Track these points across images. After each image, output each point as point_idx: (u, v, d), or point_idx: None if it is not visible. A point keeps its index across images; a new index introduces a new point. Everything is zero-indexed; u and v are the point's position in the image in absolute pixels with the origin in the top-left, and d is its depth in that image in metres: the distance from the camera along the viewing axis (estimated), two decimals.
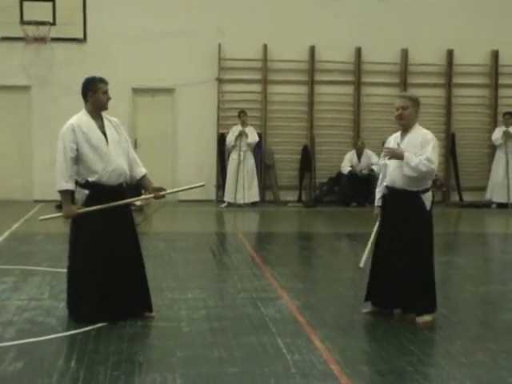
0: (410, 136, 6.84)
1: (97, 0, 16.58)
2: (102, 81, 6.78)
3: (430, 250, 6.85)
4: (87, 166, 6.61)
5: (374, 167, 16.42)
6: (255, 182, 16.50)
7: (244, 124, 16.34)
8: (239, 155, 16.26)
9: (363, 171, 16.75)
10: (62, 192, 6.59)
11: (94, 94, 6.71)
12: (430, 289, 6.80)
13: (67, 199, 6.63)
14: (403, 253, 6.77)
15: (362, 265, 7.26)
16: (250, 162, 16.42)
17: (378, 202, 7.16)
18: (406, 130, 6.89)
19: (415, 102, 6.89)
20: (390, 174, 6.95)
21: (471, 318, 7.16)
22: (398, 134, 6.99)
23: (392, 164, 6.90)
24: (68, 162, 6.54)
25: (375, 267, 7.08)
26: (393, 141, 7.01)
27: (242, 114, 16.36)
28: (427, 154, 6.64)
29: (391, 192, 6.93)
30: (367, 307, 7.11)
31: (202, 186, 7.39)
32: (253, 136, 16.29)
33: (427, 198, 6.80)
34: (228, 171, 16.49)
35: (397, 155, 6.73)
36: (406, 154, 6.66)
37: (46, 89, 16.62)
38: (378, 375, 5.47)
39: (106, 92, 6.77)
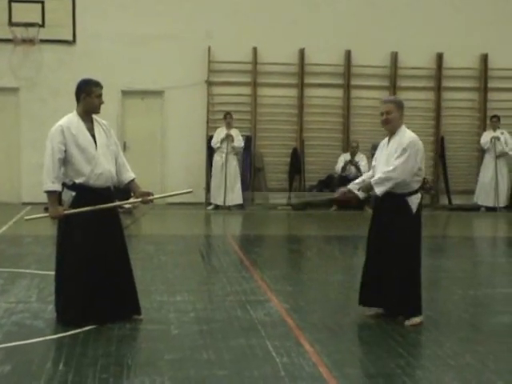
0: (394, 140, 6.91)
1: (86, 2, 16.53)
2: (97, 84, 6.76)
3: (415, 252, 6.86)
4: (75, 168, 6.59)
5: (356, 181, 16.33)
6: (238, 185, 16.47)
7: (229, 126, 16.32)
8: (221, 157, 16.25)
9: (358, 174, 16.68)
10: (49, 192, 6.57)
11: (88, 96, 6.70)
12: (416, 291, 6.81)
13: (53, 200, 6.61)
14: (388, 255, 6.81)
15: None
16: (233, 164, 16.41)
17: (350, 185, 7.29)
18: (392, 133, 6.94)
19: (399, 105, 6.94)
20: (377, 174, 6.99)
21: (459, 320, 7.17)
22: (387, 139, 7.04)
23: (379, 165, 6.95)
24: (55, 163, 6.52)
25: (366, 269, 7.09)
26: (381, 147, 7.10)
27: (227, 115, 16.34)
28: (395, 160, 6.73)
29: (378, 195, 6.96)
30: (371, 310, 7.10)
31: (190, 192, 7.43)
32: (238, 140, 16.28)
33: (413, 200, 6.83)
34: (212, 174, 16.49)
35: (368, 190, 6.93)
36: (372, 182, 6.83)
37: (34, 91, 16.57)
38: (367, 378, 5.47)
39: (99, 96, 6.75)
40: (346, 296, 8.20)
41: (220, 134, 16.28)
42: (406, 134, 6.86)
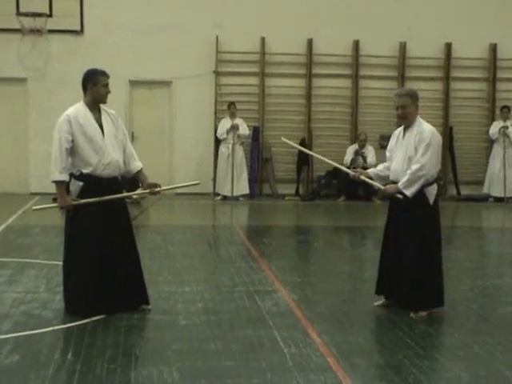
0: (410, 132, 6.85)
1: None
2: (103, 74, 6.76)
3: (435, 243, 6.82)
4: (82, 158, 6.59)
5: (369, 171, 16.36)
6: (244, 175, 16.46)
7: (233, 116, 16.30)
8: (228, 148, 16.23)
9: (364, 165, 16.62)
10: (56, 183, 6.57)
11: (94, 86, 6.69)
12: (430, 285, 6.77)
13: (61, 190, 6.61)
14: (407, 247, 6.77)
15: None
16: (239, 154, 16.39)
17: (371, 170, 7.33)
18: (408, 126, 6.88)
19: (414, 98, 6.86)
20: (393, 168, 6.95)
21: (468, 311, 7.16)
22: (401, 128, 6.99)
23: (396, 158, 6.91)
24: (63, 153, 6.51)
25: (382, 260, 7.07)
26: (396, 136, 7.05)
27: (232, 105, 16.31)
28: (419, 155, 6.66)
29: None
30: (379, 300, 7.09)
31: (197, 184, 7.42)
32: (243, 128, 16.26)
33: (430, 191, 6.77)
34: (218, 164, 16.49)
35: (393, 193, 6.77)
36: (399, 185, 6.70)
37: (42, 81, 16.57)
38: (375, 368, 5.47)
39: (106, 85, 6.74)
40: (354, 287, 8.19)
41: (225, 124, 16.26)
42: (424, 127, 6.79)
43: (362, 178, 7.24)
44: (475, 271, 9.25)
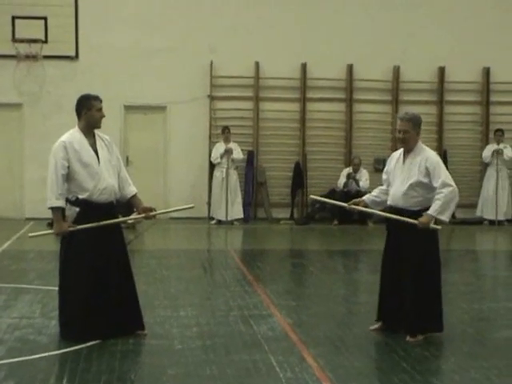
0: (412, 156, 6.84)
1: (89, 17, 16.60)
2: (96, 98, 6.78)
3: (433, 269, 6.82)
4: (78, 184, 6.60)
5: (365, 198, 16.41)
6: (239, 199, 16.48)
7: (227, 140, 16.35)
8: (222, 172, 16.26)
9: (357, 188, 16.64)
10: (53, 209, 6.58)
11: (88, 111, 6.71)
12: (430, 309, 6.78)
13: (58, 216, 6.60)
14: (405, 272, 6.76)
15: None
16: (234, 178, 16.42)
17: (366, 197, 7.24)
18: (409, 151, 6.90)
19: (416, 123, 6.86)
20: (392, 193, 6.95)
21: (464, 334, 7.15)
22: (401, 151, 6.99)
23: (395, 182, 6.91)
24: (59, 179, 6.52)
25: (382, 285, 7.07)
26: (395, 159, 7.03)
27: (226, 130, 16.37)
28: (441, 180, 6.65)
29: (393, 211, 6.92)
30: (375, 324, 7.08)
31: (192, 207, 7.44)
32: (237, 152, 16.31)
33: None
34: (213, 188, 16.52)
35: (428, 223, 6.68)
36: (433, 213, 6.63)
37: (37, 106, 16.61)
38: None
39: (100, 109, 6.76)
40: (349, 310, 8.18)
41: (219, 148, 16.30)
42: (426, 154, 6.81)
43: (359, 208, 7.22)
44: (471, 294, 9.24)
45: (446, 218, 6.66)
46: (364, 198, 7.28)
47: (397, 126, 6.96)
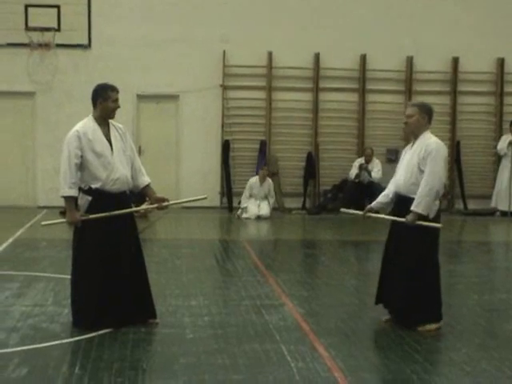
0: (417, 144, 6.83)
1: (101, 6, 16.62)
2: (113, 89, 6.77)
3: (430, 259, 6.80)
4: (91, 173, 6.61)
5: (373, 205, 16.41)
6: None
7: (264, 178, 16.15)
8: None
9: (369, 179, 16.60)
10: (66, 198, 6.59)
11: (104, 101, 6.70)
12: (432, 298, 6.77)
13: (71, 205, 6.62)
14: (404, 262, 6.76)
15: None
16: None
17: (375, 203, 7.21)
18: (415, 138, 6.88)
19: (422, 110, 6.84)
20: (396, 179, 6.96)
21: (475, 326, 7.14)
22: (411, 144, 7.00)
23: (400, 169, 6.91)
24: (72, 168, 6.53)
25: (382, 272, 7.07)
26: (405, 151, 7.05)
27: (264, 167, 16.26)
28: (426, 170, 6.62)
29: (397, 198, 6.96)
30: (386, 314, 7.08)
31: (205, 198, 7.45)
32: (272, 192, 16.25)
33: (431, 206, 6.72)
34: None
35: (415, 219, 6.64)
36: (415, 209, 6.60)
37: (50, 95, 16.66)
38: (382, 383, 5.45)
39: (116, 101, 6.76)
40: (361, 301, 8.18)
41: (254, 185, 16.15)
42: (428, 140, 6.77)
43: (374, 215, 7.19)
44: (482, 286, 9.22)
45: (421, 210, 6.59)
46: (372, 204, 7.24)
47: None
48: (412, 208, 6.64)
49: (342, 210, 8.24)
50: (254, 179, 16.16)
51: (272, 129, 17.28)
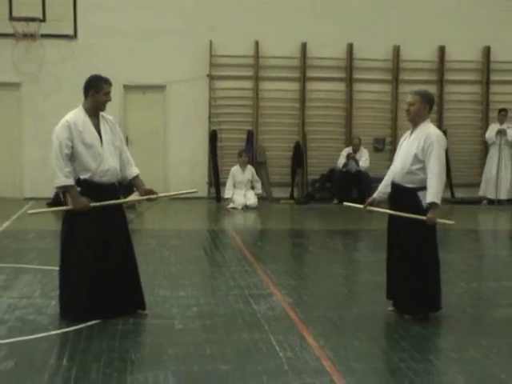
0: (416, 132, 6.83)
1: None
2: (106, 82, 6.76)
3: (426, 248, 6.80)
4: (80, 164, 6.58)
5: (375, 195, 16.46)
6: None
7: (244, 165, 16.19)
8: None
9: (357, 168, 16.62)
10: (66, 187, 6.58)
11: (96, 93, 6.68)
12: (427, 288, 6.78)
13: (74, 193, 6.57)
14: (399, 251, 6.78)
15: None
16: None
17: (377, 193, 7.22)
18: (415, 125, 6.88)
19: (424, 99, 6.82)
20: (393, 167, 6.97)
21: (463, 314, 7.17)
22: (409, 132, 7.00)
23: (397, 157, 6.91)
24: (65, 158, 6.49)
25: (387, 265, 7.10)
26: (404, 137, 7.06)
27: (243, 154, 16.24)
28: (431, 160, 6.62)
29: (392, 187, 6.96)
30: (391, 305, 7.10)
31: (195, 192, 7.48)
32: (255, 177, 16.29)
33: (424, 195, 6.69)
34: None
35: (435, 218, 6.66)
36: (431, 201, 6.59)
37: (36, 86, 16.54)
38: (371, 371, 5.47)
39: (107, 93, 6.74)
40: (350, 290, 8.20)
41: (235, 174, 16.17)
42: (428, 130, 6.76)
43: (375, 209, 7.18)
44: (470, 274, 9.26)
45: (438, 200, 6.60)
46: (375, 195, 7.25)
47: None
48: (428, 200, 6.60)
49: (345, 203, 8.20)
50: (236, 167, 16.17)
51: (259, 119, 17.25)
